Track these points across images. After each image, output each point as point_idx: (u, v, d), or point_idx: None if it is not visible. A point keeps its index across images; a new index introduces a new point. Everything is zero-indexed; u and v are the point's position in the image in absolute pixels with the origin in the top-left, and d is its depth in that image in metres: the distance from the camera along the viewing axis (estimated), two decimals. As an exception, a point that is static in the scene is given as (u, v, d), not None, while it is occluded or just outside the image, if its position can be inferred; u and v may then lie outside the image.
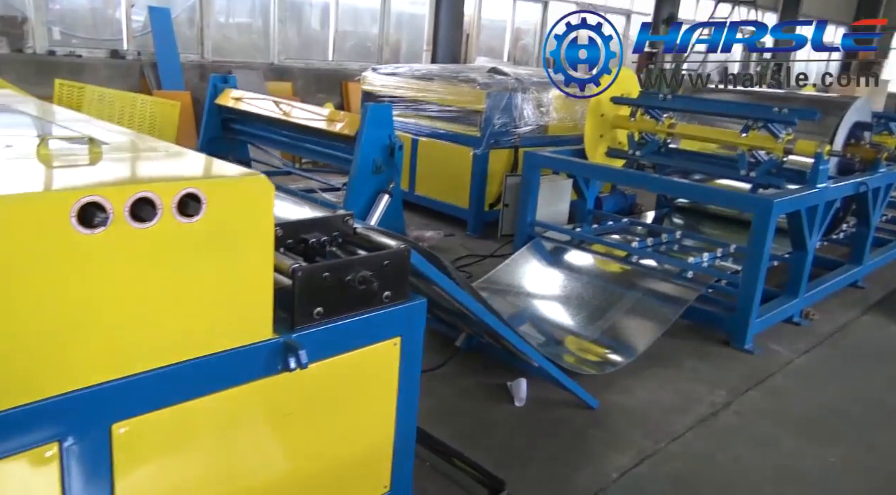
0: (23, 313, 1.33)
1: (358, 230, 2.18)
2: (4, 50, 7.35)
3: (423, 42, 11.86)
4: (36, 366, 1.38)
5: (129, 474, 1.57)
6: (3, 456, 1.37)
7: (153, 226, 1.47)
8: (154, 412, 1.59)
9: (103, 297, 1.44)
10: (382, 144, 4.87)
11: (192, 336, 1.61)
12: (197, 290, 1.58)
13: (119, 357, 1.50)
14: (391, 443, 2.16)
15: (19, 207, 1.30)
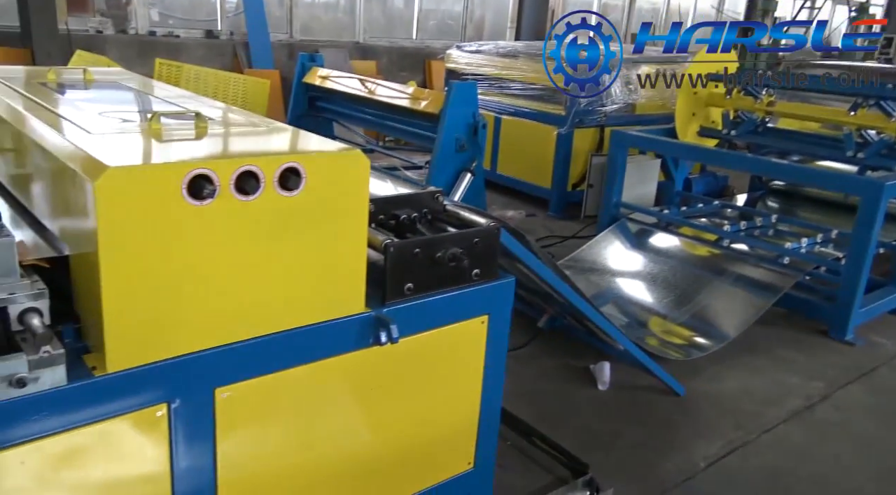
0: (138, 279, 1.40)
1: (447, 207, 2.19)
2: (110, 31, 7.74)
3: (507, 19, 11.69)
4: (149, 330, 1.45)
5: (229, 436, 1.64)
6: (120, 413, 1.46)
7: (256, 198, 1.51)
8: (254, 379, 1.65)
9: (210, 267, 1.49)
10: (466, 123, 4.85)
11: (290, 307, 1.65)
12: (296, 263, 1.62)
13: (223, 325, 1.55)
14: (476, 421, 2.17)
15: (138, 177, 1.36)
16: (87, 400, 1.41)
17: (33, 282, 1.41)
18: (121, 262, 1.37)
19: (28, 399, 1.33)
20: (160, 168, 1.41)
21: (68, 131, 1.64)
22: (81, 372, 1.41)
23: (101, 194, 1.31)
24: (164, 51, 7.78)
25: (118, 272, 1.37)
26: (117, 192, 1.33)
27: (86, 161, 1.40)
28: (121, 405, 1.45)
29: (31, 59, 6.68)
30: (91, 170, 1.35)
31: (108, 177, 1.32)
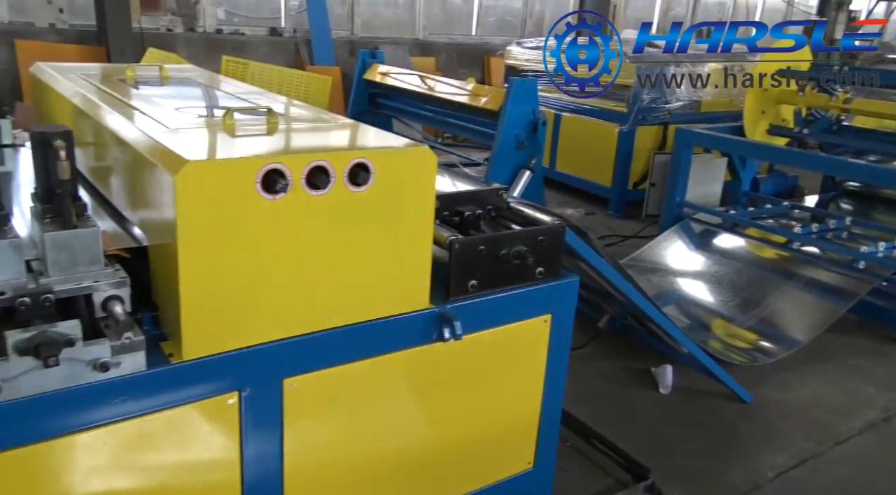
0: (214, 270, 1.44)
1: (511, 204, 2.17)
2: (179, 29, 7.99)
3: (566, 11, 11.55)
4: (224, 320, 1.49)
5: (295, 425, 1.67)
6: (194, 400, 1.50)
7: (326, 193, 1.53)
8: (320, 371, 1.67)
9: (281, 260, 1.52)
10: (526, 120, 4.81)
11: (357, 301, 1.67)
12: (363, 258, 1.63)
13: (292, 317, 1.58)
14: (536, 421, 2.15)
15: (215, 171, 1.40)
16: (165, 386, 1.46)
17: (115, 270, 1.46)
18: (197, 253, 1.41)
19: (110, 383, 1.38)
20: (236, 162, 1.45)
21: (148, 126, 1.70)
22: (159, 359, 1.46)
23: (181, 187, 1.35)
24: (230, 48, 7.98)
25: (195, 263, 1.41)
26: (196, 186, 1.37)
27: (166, 155, 1.44)
28: (195, 391, 1.50)
29: (107, 56, 6.95)
30: (171, 163, 1.40)
31: (187, 171, 1.36)
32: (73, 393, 1.35)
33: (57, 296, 1.36)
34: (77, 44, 7.10)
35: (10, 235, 1.35)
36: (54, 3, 7.05)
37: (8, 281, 1.34)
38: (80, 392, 1.36)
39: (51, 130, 1.41)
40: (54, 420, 1.35)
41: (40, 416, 1.34)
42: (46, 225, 1.41)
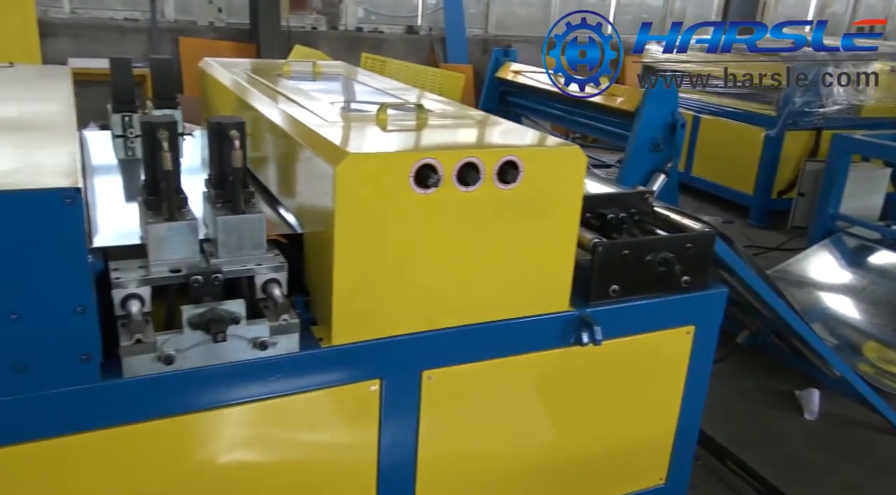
0: (366, 260, 1.49)
1: (656, 209, 2.09)
2: (323, 27, 8.38)
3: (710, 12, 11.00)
4: (372, 309, 1.53)
5: (431, 416, 1.69)
6: (339, 384, 1.56)
7: (475, 190, 1.54)
8: (457, 365, 1.69)
9: (429, 254, 1.54)
10: (664, 121, 4.63)
11: (499, 299, 1.67)
12: (507, 256, 1.63)
13: (436, 310, 1.61)
14: (672, 436, 2.06)
15: (373, 164, 1.44)
16: (314, 368, 1.53)
17: (275, 255, 1.55)
18: (352, 243, 1.46)
19: (266, 361, 1.46)
20: (392, 156, 1.48)
21: (307, 118, 1.77)
22: (310, 342, 1.53)
23: (341, 178, 1.41)
24: (369, 46, 8.26)
25: (349, 252, 1.46)
26: (354, 177, 1.42)
27: (327, 147, 1.51)
28: (341, 376, 1.56)
29: (257, 52, 7.40)
30: (332, 155, 1.45)
31: (347, 163, 1.41)
32: (234, 368, 1.44)
33: (225, 276, 1.46)
34: (231, 41, 7.62)
35: (188, 217, 1.46)
36: (214, 3, 7.60)
37: (184, 259, 1.45)
38: (240, 368, 1.45)
39: (227, 121, 1.51)
40: (215, 392, 1.45)
41: (204, 387, 1.44)
42: (218, 209, 1.51)
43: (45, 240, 1.19)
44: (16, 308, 1.21)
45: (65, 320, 1.25)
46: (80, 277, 1.25)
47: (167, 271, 1.42)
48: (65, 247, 1.21)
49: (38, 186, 1.20)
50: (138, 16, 7.44)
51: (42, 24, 6.36)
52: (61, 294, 1.24)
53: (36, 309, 1.22)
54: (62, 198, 1.18)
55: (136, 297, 1.39)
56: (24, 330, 1.22)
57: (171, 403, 1.41)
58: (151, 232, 1.41)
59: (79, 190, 1.19)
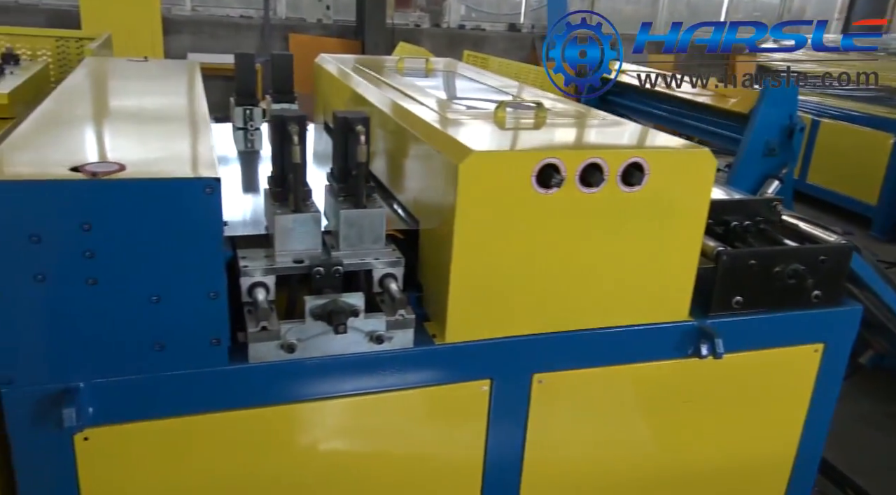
0: (483, 258, 1.47)
1: (784, 218, 1.97)
2: (426, 25, 8.48)
3: (834, 9, 10.35)
4: (486, 308, 1.52)
5: (539, 420, 1.66)
6: (451, 381, 1.56)
7: (598, 191, 1.49)
8: (568, 371, 1.65)
9: (547, 255, 1.51)
10: (781, 125, 4.39)
11: (616, 305, 1.61)
12: (627, 261, 1.57)
13: (550, 313, 1.57)
14: (791, 459, 1.94)
15: (497, 162, 1.43)
16: (427, 365, 1.53)
17: (392, 250, 1.56)
18: (471, 241, 1.45)
19: (381, 355, 1.48)
20: (516, 155, 1.46)
21: (426, 114, 1.78)
22: (424, 338, 1.53)
23: (464, 175, 1.40)
24: (471, 43, 8.29)
25: (467, 250, 1.45)
26: (477, 175, 1.41)
27: (450, 144, 1.50)
28: (453, 374, 1.55)
29: (362, 49, 7.59)
30: (456, 152, 1.44)
31: (471, 161, 1.40)
32: (350, 360, 1.46)
33: (345, 268, 1.48)
34: (338, 37, 7.84)
35: (312, 210, 1.49)
36: (323, 1, 7.84)
37: (307, 250, 1.48)
38: (356, 360, 1.47)
39: (353, 116, 1.53)
40: (331, 382, 1.48)
41: (321, 377, 1.47)
42: (341, 203, 1.53)
43: (185, 227, 1.25)
44: (156, 290, 1.27)
45: (199, 304, 1.30)
46: (215, 264, 1.30)
47: (291, 261, 1.46)
48: (203, 235, 1.26)
49: (182, 175, 1.25)
50: (252, 13, 7.77)
51: (165, 21, 6.76)
52: (197, 279, 1.29)
53: (174, 292, 1.28)
54: (203, 187, 1.23)
55: (261, 286, 1.43)
56: (163, 311, 1.28)
57: (290, 390, 1.45)
58: (278, 223, 1.45)
59: (218, 180, 1.24)
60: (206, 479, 1.46)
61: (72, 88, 1.99)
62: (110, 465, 1.37)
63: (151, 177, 1.23)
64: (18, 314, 1.20)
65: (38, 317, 1.22)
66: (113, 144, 1.46)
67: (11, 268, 1.17)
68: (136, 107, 1.88)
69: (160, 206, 1.22)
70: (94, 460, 1.34)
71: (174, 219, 1.24)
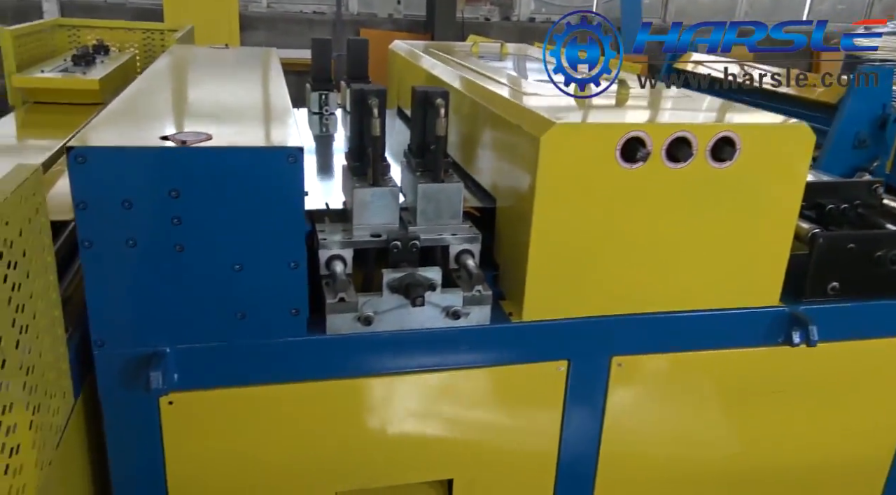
0: (563, 235, 1.43)
1: (885, 202, 1.85)
2: (496, 18, 8.43)
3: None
4: (565, 286, 1.48)
5: (617, 405, 1.61)
6: (526, 361, 1.52)
7: (685, 167, 1.43)
8: (649, 354, 1.59)
9: (629, 233, 1.46)
10: (873, 115, 4.15)
11: (701, 287, 1.55)
12: (715, 241, 1.50)
13: (630, 293, 1.52)
14: (889, 459, 1.82)
15: (580, 135, 1.39)
16: (503, 343, 1.50)
17: (469, 226, 1.54)
18: (550, 217, 1.41)
19: (458, 331, 1.46)
20: (599, 127, 1.42)
21: (504, 90, 1.75)
22: (500, 316, 1.50)
23: (545, 148, 1.36)
24: (541, 37, 8.18)
25: (547, 226, 1.42)
26: (559, 148, 1.37)
27: (530, 117, 1.46)
28: (530, 353, 1.52)
29: (431, 43, 7.61)
30: (536, 125, 1.41)
31: (553, 133, 1.36)
32: (426, 334, 1.45)
33: (422, 243, 1.47)
34: (408, 32, 7.89)
35: (390, 184, 1.49)
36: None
37: (384, 225, 1.48)
38: (433, 335, 1.45)
39: (433, 90, 1.52)
40: (407, 357, 1.47)
41: (397, 351, 1.46)
42: (419, 177, 1.52)
43: (268, 196, 1.26)
44: (239, 259, 1.29)
45: (280, 274, 1.31)
46: (296, 233, 1.30)
47: (369, 235, 1.46)
48: (285, 204, 1.27)
49: (266, 144, 1.27)
50: (325, 9, 7.91)
51: (242, 17, 6.96)
52: (279, 248, 1.30)
53: (256, 261, 1.30)
54: (286, 156, 1.24)
55: (339, 258, 1.43)
56: (245, 280, 1.30)
57: (366, 363, 1.45)
58: (357, 196, 1.45)
59: (301, 149, 1.25)
60: (280, 447, 1.47)
61: (159, 71, 2.06)
62: (192, 429, 1.40)
63: (237, 146, 1.25)
64: (111, 278, 1.24)
65: (129, 281, 1.25)
66: (200, 118, 1.49)
67: (106, 233, 1.21)
68: (219, 87, 1.92)
69: (245, 175, 1.24)
70: (178, 424, 1.38)
71: (258, 188, 1.25)
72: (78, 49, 2.91)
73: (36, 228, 0.98)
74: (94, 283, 1.23)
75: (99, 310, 1.26)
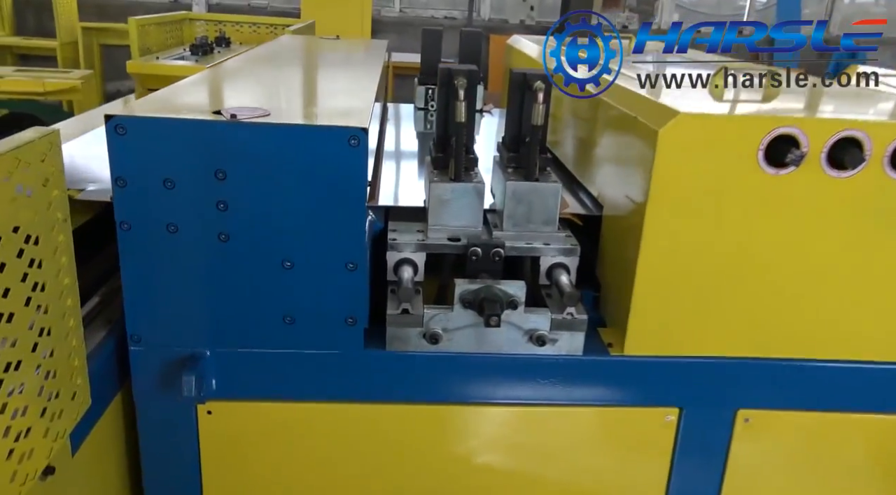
0: (682, 251, 1.15)
1: None
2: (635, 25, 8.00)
3: None
4: (681, 316, 1.19)
5: (741, 469, 1.29)
6: (626, 404, 1.25)
7: (854, 175, 1.10)
8: (788, 411, 1.26)
9: (770, 255, 1.15)
10: None
11: (862, 332, 1.20)
12: (885, 273, 1.16)
13: (768, 333, 1.20)
14: None
15: (711, 129, 1.10)
16: (598, 379, 1.23)
17: (567, 236, 1.28)
18: (667, 229, 1.13)
19: (543, 360, 1.21)
20: (737, 120, 1.12)
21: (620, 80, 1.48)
22: (597, 346, 1.24)
23: (665, 144, 1.09)
24: (682, 46, 7.68)
25: (661, 240, 1.14)
26: (682, 143, 1.09)
27: (649, 107, 1.19)
28: (631, 395, 1.24)
29: (564, 51, 7.33)
30: (656, 116, 1.14)
31: (676, 124, 1.08)
32: (504, 361, 1.21)
33: (507, 252, 1.23)
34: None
35: (475, 180, 1.27)
36: (527, 2, 7.70)
37: (464, 227, 1.26)
38: (511, 362, 1.21)
39: (531, 72, 1.28)
40: (478, 385, 1.24)
41: (467, 377, 1.23)
42: (509, 175, 1.29)
43: (324, 184, 1.08)
44: (290, 254, 1.12)
45: (336, 275, 1.13)
46: (355, 229, 1.12)
47: (445, 239, 1.25)
48: (344, 194, 1.09)
49: (324, 123, 1.09)
50: (456, 14, 7.85)
51: (375, 21, 7.02)
52: (335, 245, 1.12)
53: (309, 258, 1.12)
54: (347, 137, 1.05)
55: (409, 263, 1.23)
56: (296, 279, 1.13)
57: (428, 388, 1.23)
58: (434, 191, 1.25)
59: (365, 130, 1.06)
60: (326, 471, 1.29)
61: (252, 55, 1.96)
62: (232, 443, 1.25)
63: (291, 123, 1.08)
64: (149, 266, 1.11)
65: (168, 271, 1.12)
66: (267, 97, 1.35)
67: (145, 215, 1.08)
68: (306, 71, 1.79)
69: (299, 157, 1.06)
70: (217, 435, 1.23)
71: (313, 173, 1.07)
72: (197, 39, 2.94)
73: (44, 200, 0.86)
74: (131, 270, 1.10)
75: (135, 301, 1.13)
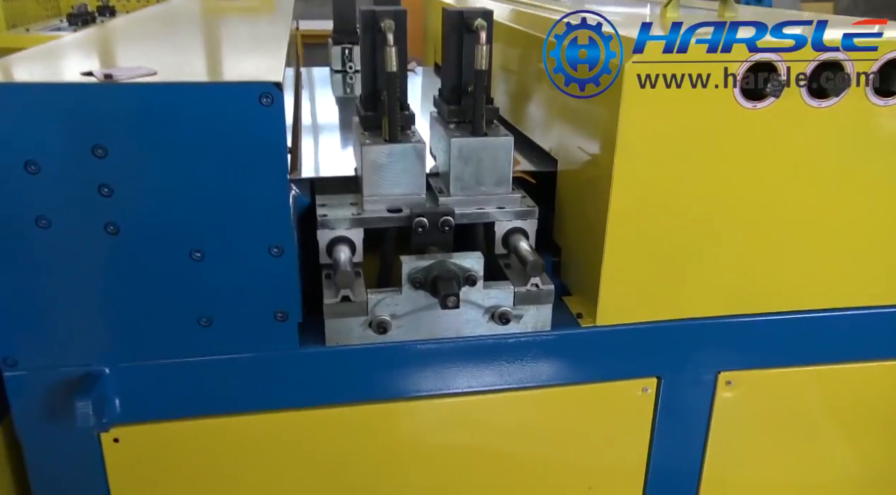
0: (652, 206, 1.02)
1: None
2: None
3: None
4: (655, 278, 1.06)
5: (723, 436, 1.20)
6: (599, 380, 1.12)
7: (835, 104, 0.99)
8: (771, 369, 1.17)
9: (748, 201, 1.03)
10: None
11: (849, 279, 1.12)
12: (872, 214, 1.07)
13: (748, 287, 1.10)
14: None
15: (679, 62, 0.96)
16: (569, 355, 1.10)
17: (522, 197, 1.13)
18: (637, 181, 1.00)
19: (507, 340, 1.06)
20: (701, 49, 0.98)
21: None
22: (565, 319, 1.10)
23: (630, 80, 0.94)
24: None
25: (631, 194, 1.00)
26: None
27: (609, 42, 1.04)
28: (605, 369, 1.12)
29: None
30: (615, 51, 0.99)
31: (643, 58, 0.94)
32: (463, 345, 1.06)
33: (457, 220, 1.07)
34: None
35: (413, 139, 1.09)
36: None
37: (406, 196, 1.09)
38: (472, 346, 1.06)
39: (470, 10, 1.11)
40: (436, 375, 1.08)
41: (423, 368, 1.07)
42: (452, 131, 1.12)
43: (233, 154, 0.88)
44: (198, 243, 0.92)
45: (257, 263, 0.94)
46: (277, 206, 0.92)
47: (384, 210, 1.07)
48: (259, 165, 0.89)
49: (227, 79, 0.88)
50: (365, -22, 7.52)
51: (279, -12, 6.64)
52: (253, 227, 0.93)
53: (222, 245, 0.93)
54: (257, 94, 0.86)
55: (344, 242, 1.05)
56: (209, 272, 0.93)
57: (380, 384, 1.07)
58: (366, 155, 1.06)
59: (279, 85, 0.86)
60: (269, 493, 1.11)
61: (141, 14, 1.70)
62: (149, 473, 1.05)
63: (185, 82, 0.87)
64: (19, 273, 0.89)
65: (44, 276, 0.90)
66: (152, 55, 1.11)
67: (5, 207, 0.85)
68: (208, 29, 1.55)
69: (199, 123, 0.86)
70: (129, 467, 1.03)
71: (218, 142, 0.87)
72: (75, 8, 2.60)
73: None
74: (-6, 280, 0.88)
75: (4, 317, 0.90)
